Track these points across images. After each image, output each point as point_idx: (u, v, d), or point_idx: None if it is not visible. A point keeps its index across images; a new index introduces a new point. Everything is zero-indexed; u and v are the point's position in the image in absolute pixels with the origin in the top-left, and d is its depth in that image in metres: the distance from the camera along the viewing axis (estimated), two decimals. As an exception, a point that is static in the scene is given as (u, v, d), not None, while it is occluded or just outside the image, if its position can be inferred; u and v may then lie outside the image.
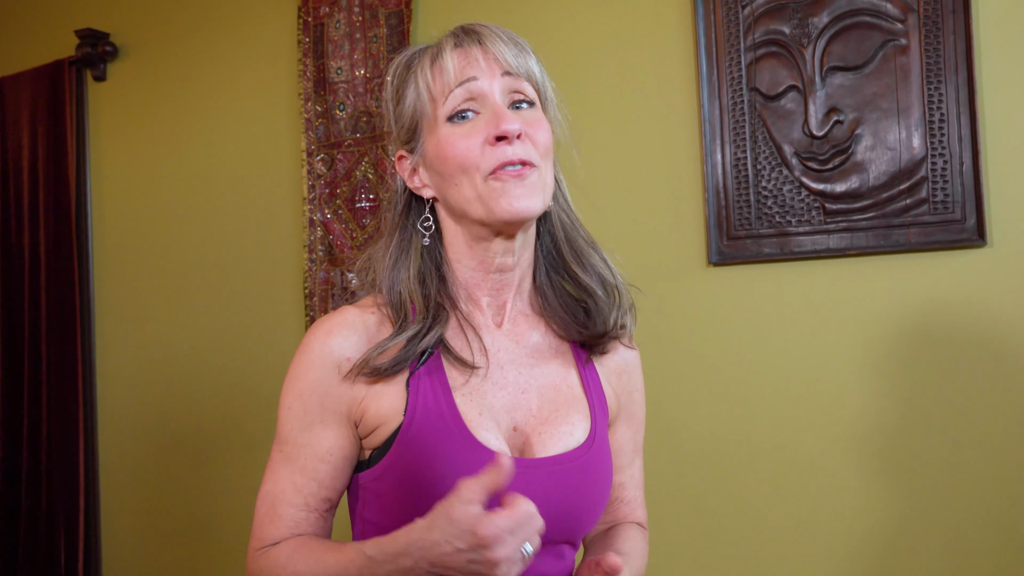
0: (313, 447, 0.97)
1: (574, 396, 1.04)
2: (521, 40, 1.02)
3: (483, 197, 0.95)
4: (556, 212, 1.06)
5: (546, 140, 0.99)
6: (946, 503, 1.79)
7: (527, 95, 0.99)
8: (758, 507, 1.96)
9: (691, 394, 2.03)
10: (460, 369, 0.99)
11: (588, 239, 1.08)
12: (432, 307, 0.99)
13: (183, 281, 2.77)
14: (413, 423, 0.94)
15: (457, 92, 0.97)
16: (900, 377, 1.84)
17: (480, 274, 1.02)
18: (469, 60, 0.98)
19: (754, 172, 1.95)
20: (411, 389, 0.95)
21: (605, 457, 1.02)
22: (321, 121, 2.50)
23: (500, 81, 0.97)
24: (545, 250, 1.07)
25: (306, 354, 0.98)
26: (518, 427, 1.00)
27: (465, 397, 0.97)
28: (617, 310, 1.06)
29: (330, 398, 0.96)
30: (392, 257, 1.02)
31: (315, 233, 2.51)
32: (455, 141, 0.96)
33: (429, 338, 0.97)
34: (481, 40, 0.99)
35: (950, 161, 1.78)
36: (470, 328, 1.01)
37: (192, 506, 2.74)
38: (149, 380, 2.83)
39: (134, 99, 2.88)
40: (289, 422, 0.98)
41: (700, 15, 1.99)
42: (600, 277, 1.06)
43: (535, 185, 0.96)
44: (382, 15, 2.41)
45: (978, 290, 1.77)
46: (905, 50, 1.82)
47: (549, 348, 1.06)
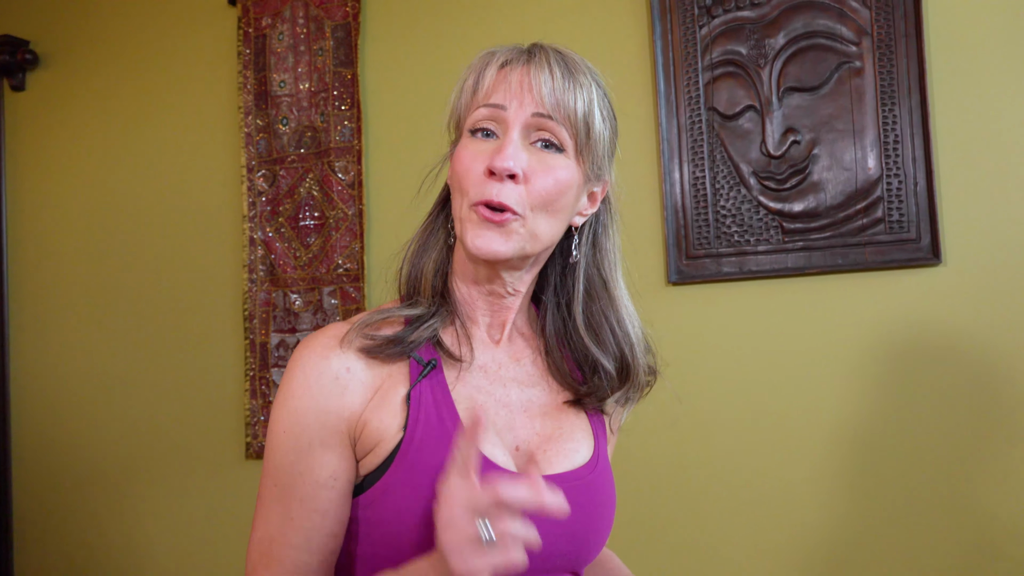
0: (314, 472, 0.88)
1: (577, 419, 1.00)
2: (582, 70, 0.94)
3: (462, 220, 0.92)
4: (584, 267, 1.00)
5: (549, 189, 0.91)
6: (906, 518, 1.81)
7: (556, 138, 0.92)
8: (718, 529, 1.94)
9: (650, 415, 2.00)
10: (461, 382, 0.94)
11: (618, 305, 1.00)
12: (436, 299, 0.96)
13: (110, 304, 2.61)
14: (414, 439, 0.87)
15: (482, 111, 0.93)
16: (858, 394, 1.85)
17: (474, 292, 0.98)
18: (505, 83, 0.92)
19: (713, 191, 1.96)
20: (411, 403, 0.89)
21: (609, 477, 0.98)
22: (263, 136, 2.40)
23: (527, 117, 0.91)
24: (560, 298, 1.02)
25: (300, 369, 0.89)
26: (520, 446, 0.94)
27: (469, 412, 0.91)
28: (623, 391, 1.01)
29: (330, 416, 0.88)
30: (419, 242, 1.00)
31: (256, 252, 2.40)
32: (464, 156, 0.93)
33: (429, 325, 0.93)
34: (528, 61, 0.93)
35: (904, 181, 1.81)
36: (466, 340, 0.97)
37: (113, 544, 2.56)
38: (70, 408, 2.65)
39: (56, 111, 2.71)
40: (283, 446, 0.88)
41: (658, 34, 1.99)
42: (618, 353, 1.00)
43: (511, 233, 0.89)
44: (328, 27, 2.34)
45: (933, 308, 1.80)
46: (860, 72, 1.85)
47: (548, 374, 1.02)
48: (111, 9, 2.64)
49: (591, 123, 0.93)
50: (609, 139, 0.97)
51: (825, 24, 1.88)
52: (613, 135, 0.98)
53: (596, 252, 1.01)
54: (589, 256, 1.00)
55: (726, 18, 1.95)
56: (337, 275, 2.32)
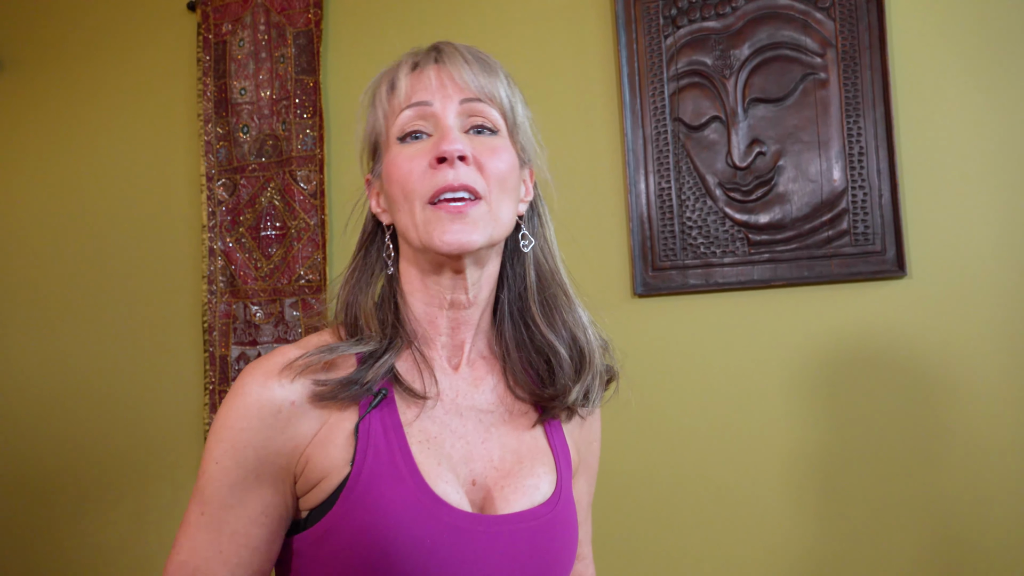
0: (246, 507, 0.83)
1: (538, 447, 0.95)
2: (489, 60, 0.94)
3: (420, 225, 0.87)
4: (533, 254, 0.98)
5: (502, 169, 0.89)
6: (873, 528, 1.79)
7: (489, 120, 0.91)
8: (686, 542, 1.92)
9: (616, 428, 1.97)
10: (414, 411, 0.89)
11: (567, 291, 0.98)
12: (388, 333, 0.91)
13: (66, 314, 2.54)
14: (362, 474, 0.82)
15: (407, 112, 0.90)
16: (825, 406, 1.84)
17: (434, 309, 0.93)
18: (423, 81, 0.91)
19: (678, 202, 1.94)
20: (360, 435, 0.84)
21: (571, 513, 0.93)
22: (223, 144, 2.35)
23: (456, 106, 0.90)
24: (514, 293, 0.98)
25: (240, 399, 0.84)
26: (477, 480, 0.89)
27: (422, 445, 0.87)
28: (582, 381, 0.96)
29: (269, 451, 0.83)
30: (352, 281, 0.95)
31: (215, 263, 2.35)
32: (400, 162, 0.89)
33: (384, 361, 0.87)
34: (440, 59, 0.91)
35: (870, 193, 1.80)
36: (426, 367, 0.92)
37: (71, 558, 2.49)
38: (26, 420, 2.57)
39: (15, 117, 2.64)
40: (217, 478, 0.83)
41: (623, 44, 1.97)
42: (571, 337, 0.97)
43: (477, 220, 0.87)
44: (290, 34, 2.30)
45: (898, 320, 1.79)
46: (825, 84, 1.84)
47: (510, 394, 0.97)
48: (71, 15, 2.58)
49: (514, 104, 0.93)
50: (530, 122, 0.97)
51: (790, 35, 1.87)
52: (532, 123, 0.98)
53: (538, 241, 0.99)
54: (534, 246, 0.99)
55: (691, 28, 1.93)
56: (299, 286, 2.28)
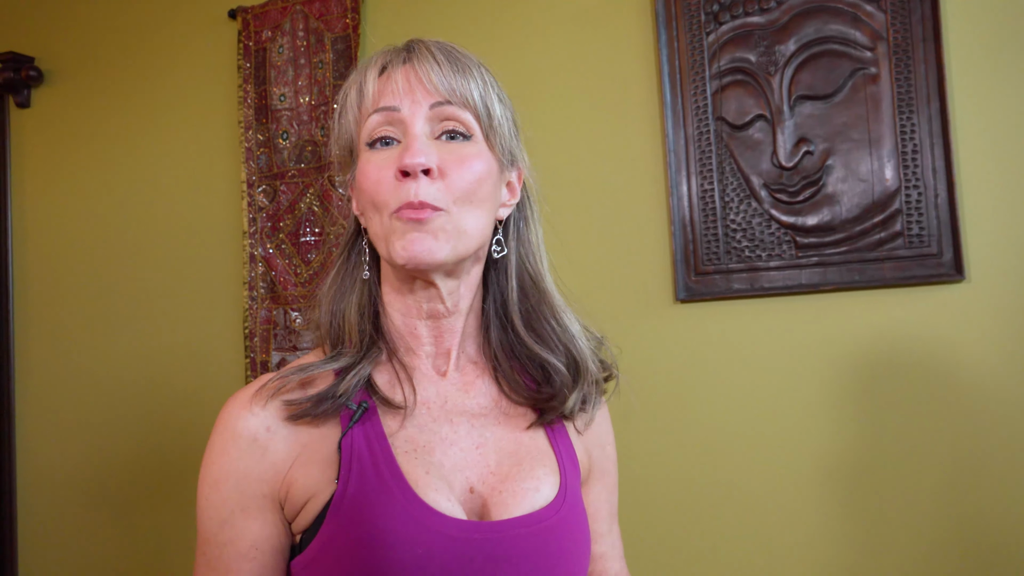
0: (235, 544, 0.82)
1: (537, 448, 0.90)
2: (464, 57, 0.89)
3: (384, 236, 0.84)
4: (515, 261, 0.93)
5: (468, 180, 0.84)
6: (925, 544, 1.70)
7: (462, 125, 0.86)
8: (727, 552, 1.85)
9: (658, 438, 1.92)
10: (397, 420, 0.86)
11: (552, 301, 0.94)
12: (366, 343, 0.88)
13: (113, 321, 2.58)
14: (347, 492, 0.79)
15: (375, 117, 0.86)
16: (875, 417, 1.75)
17: (413, 320, 0.90)
18: (391, 84, 0.86)
19: (722, 204, 1.87)
20: (343, 451, 0.81)
21: (580, 517, 0.88)
22: (263, 151, 2.36)
23: (426, 110, 0.85)
24: (498, 302, 0.94)
25: (219, 434, 0.84)
26: (475, 488, 0.85)
27: (408, 455, 0.83)
28: (579, 390, 0.92)
29: (249, 481, 0.82)
30: (335, 287, 0.92)
31: (256, 269, 2.36)
32: (369, 171, 0.85)
33: (356, 373, 0.84)
34: (409, 58, 0.87)
35: (924, 193, 1.72)
36: (405, 377, 0.89)
37: (118, 561, 2.52)
38: (73, 427, 2.62)
39: (60, 127, 2.69)
40: (208, 517, 0.83)
41: (663, 42, 1.91)
42: (563, 350, 0.92)
43: (439, 231, 0.82)
44: (328, 40, 2.29)
45: (956, 327, 1.70)
46: (875, 79, 1.76)
47: (504, 397, 0.93)
48: (113, 25, 2.62)
49: (490, 105, 0.88)
50: (512, 120, 0.91)
51: (838, 29, 1.79)
52: (515, 117, 0.92)
53: (522, 247, 0.94)
54: (517, 252, 0.94)
55: (734, 24, 1.87)
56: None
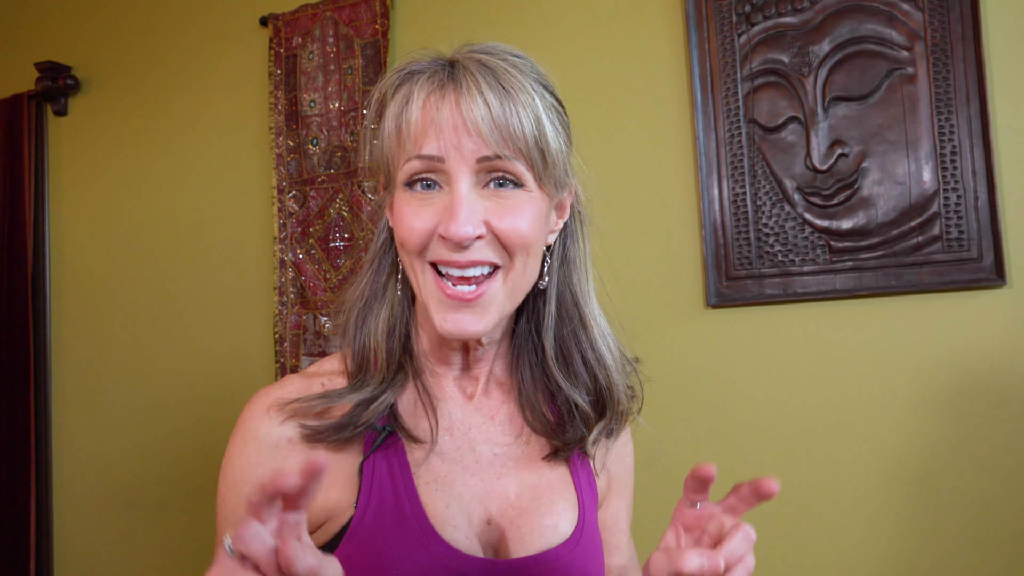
0: None
1: (558, 479, 0.88)
2: (514, 79, 0.79)
3: (423, 291, 0.80)
4: (556, 284, 0.88)
5: (525, 232, 0.78)
6: (963, 559, 1.65)
7: (512, 175, 0.78)
8: (763, 561, 1.81)
9: (690, 446, 1.89)
10: (422, 450, 0.83)
11: (590, 324, 0.89)
12: (393, 367, 0.84)
13: (146, 326, 2.60)
14: (366, 517, 0.78)
15: (415, 164, 0.78)
16: (914, 425, 1.71)
17: (445, 350, 0.87)
18: (437, 124, 0.77)
19: (754, 208, 1.84)
20: (364, 476, 0.79)
21: (595, 553, 0.87)
22: (293, 156, 2.37)
23: (472, 164, 0.77)
24: (531, 324, 0.90)
25: (241, 435, 0.82)
26: (492, 520, 0.83)
27: (430, 486, 0.81)
28: (603, 424, 0.89)
29: None
30: (364, 298, 0.87)
31: (286, 274, 2.37)
32: (406, 215, 0.79)
33: (381, 402, 0.81)
34: (455, 91, 0.78)
35: (964, 196, 1.67)
36: (429, 404, 0.85)
37: (153, 564, 2.54)
38: (108, 431, 2.65)
39: (96, 134, 2.73)
40: (223, 516, 0.82)
41: (694, 43, 1.89)
42: (593, 384, 0.89)
43: (487, 304, 0.78)
44: (357, 45, 2.30)
45: (997, 333, 1.65)
46: (912, 79, 1.72)
47: (527, 425, 0.90)
48: (147, 33, 2.65)
49: (545, 144, 0.79)
50: (566, 141, 0.83)
51: (874, 29, 1.75)
52: (568, 138, 0.84)
53: (565, 266, 0.89)
54: (559, 273, 0.89)
55: (766, 25, 1.84)
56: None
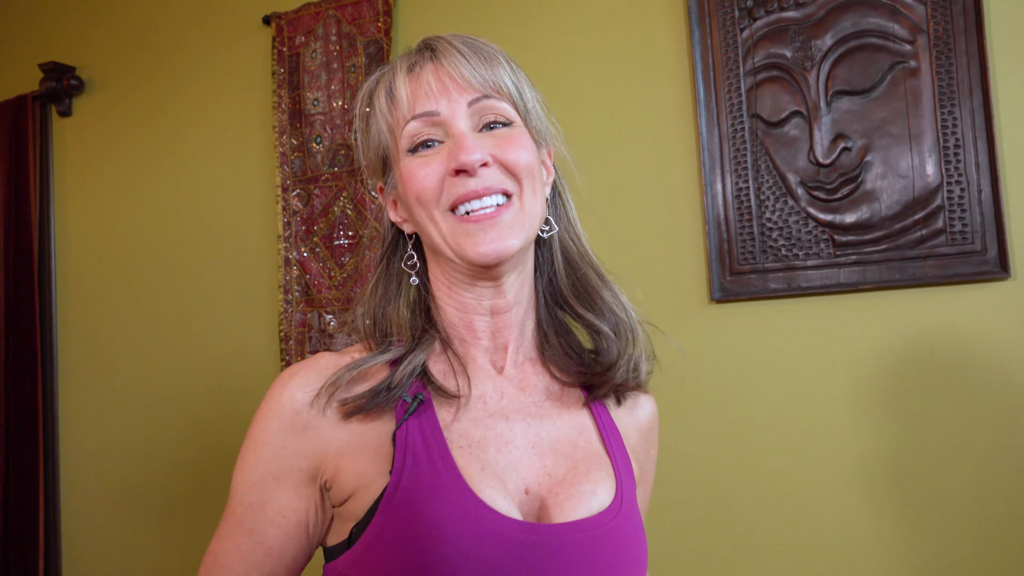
0: (264, 507, 0.84)
1: (593, 451, 0.90)
2: (486, 47, 0.89)
3: (449, 237, 0.85)
4: (559, 237, 0.95)
5: (527, 159, 0.86)
6: (967, 545, 1.65)
7: (502, 115, 0.87)
8: (767, 556, 1.82)
9: (694, 440, 1.89)
10: (454, 414, 0.85)
11: (598, 270, 0.96)
12: (417, 334, 0.88)
13: (151, 324, 2.61)
14: (400, 484, 0.79)
15: (413, 124, 0.86)
16: (917, 418, 1.71)
17: (471, 316, 0.90)
18: (423, 86, 0.86)
19: (757, 203, 1.84)
20: (398, 444, 0.80)
21: (637, 524, 0.87)
22: (297, 155, 2.38)
23: (465, 108, 0.86)
24: (545, 280, 0.95)
25: (267, 402, 0.85)
26: (530, 489, 0.84)
27: (464, 451, 0.83)
28: (628, 351, 0.93)
29: (287, 452, 0.83)
30: (378, 295, 0.92)
31: (291, 273, 2.37)
32: (415, 171, 0.86)
33: (411, 361, 0.84)
34: (436, 57, 0.87)
35: (967, 189, 1.67)
36: (460, 368, 0.88)
37: (160, 562, 2.56)
38: (114, 430, 2.66)
39: (101, 135, 2.74)
40: (241, 476, 0.85)
41: (696, 38, 1.89)
42: (613, 316, 0.94)
43: (511, 223, 0.84)
44: (360, 44, 2.30)
45: (1001, 325, 1.65)
46: (915, 73, 1.72)
47: (560, 395, 0.92)
48: (151, 33, 2.66)
49: (522, 90, 0.89)
50: (539, 100, 0.93)
51: (876, 22, 1.75)
52: (540, 97, 0.94)
53: (560, 222, 0.96)
54: (561, 225, 0.96)
55: (769, 19, 1.84)
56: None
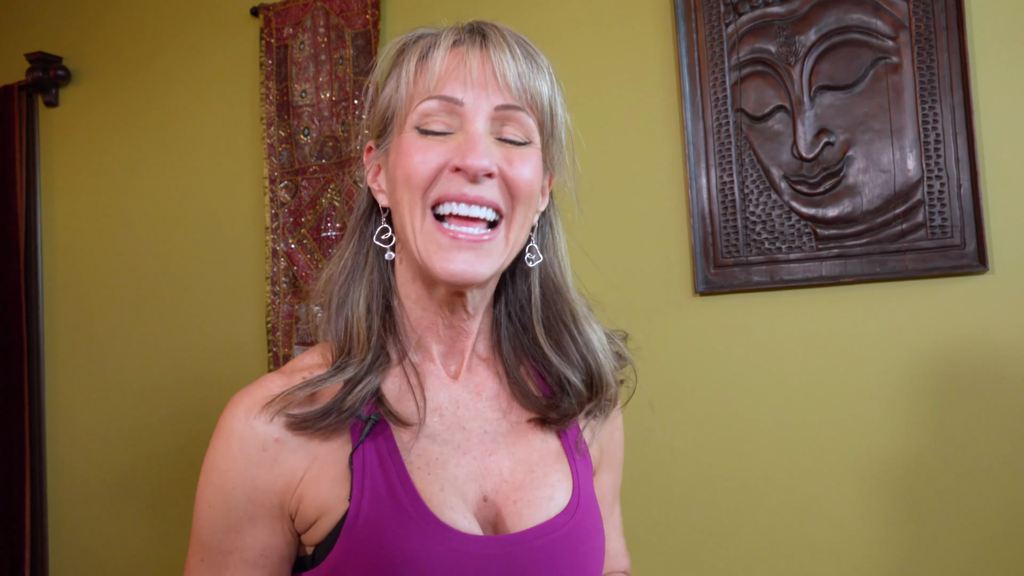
0: (243, 551, 0.79)
1: (551, 452, 0.88)
2: (538, 56, 0.83)
3: (420, 238, 0.80)
4: (541, 267, 0.89)
5: (529, 182, 0.81)
6: (950, 544, 1.68)
7: (523, 131, 0.82)
8: (750, 550, 1.84)
9: (677, 432, 1.91)
10: (411, 434, 0.82)
11: (575, 311, 0.90)
12: (374, 346, 0.83)
13: (138, 316, 2.61)
14: (361, 511, 0.77)
15: (432, 103, 0.80)
16: (899, 411, 1.74)
17: (431, 315, 0.86)
18: (460, 70, 0.80)
19: (741, 197, 1.86)
20: (355, 468, 0.78)
21: (594, 520, 0.87)
22: (285, 146, 2.38)
23: (491, 110, 0.80)
24: (514, 305, 0.90)
25: (224, 439, 0.80)
26: (488, 497, 0.83)
27: (422, 471, 0.81)
28: (594, 402, 0.89)
29: (258, 491, 0.79)
30: (347, 270, 0.87)
31: (278, 264, 2.38)
32: (413, 151, 0.79)
33: (364, 385, 0.80)
34: (486, 45, 0.81)
35: (947, 183, 1.70)
36: (417, 383, 0.85)
37: (147, 552, 2.56)
38: (102, 421, 2.66)
39: (88, 125, 2.74)
40: (211, 523, 0.80)
41: (682, 33, 1.90)
42: (582, 362, 0.88)
43: (489, 253, 0.79)
44: (348, 36, 2.31)
45: (980, 318, 1.68)
46: (897, 68, 1.74)
47: (515, 401, 0.90)
48: (138, 24, 2.65)
49: (555, 108, 0.84)
50: (568, 129, 0.88)
51: (859, 18, 1.77)
52: (569, 123, 0.89)
53: (546, 252, 0.90)
54: (544, 255, 0.90)
55: (754, 15, 1.85)
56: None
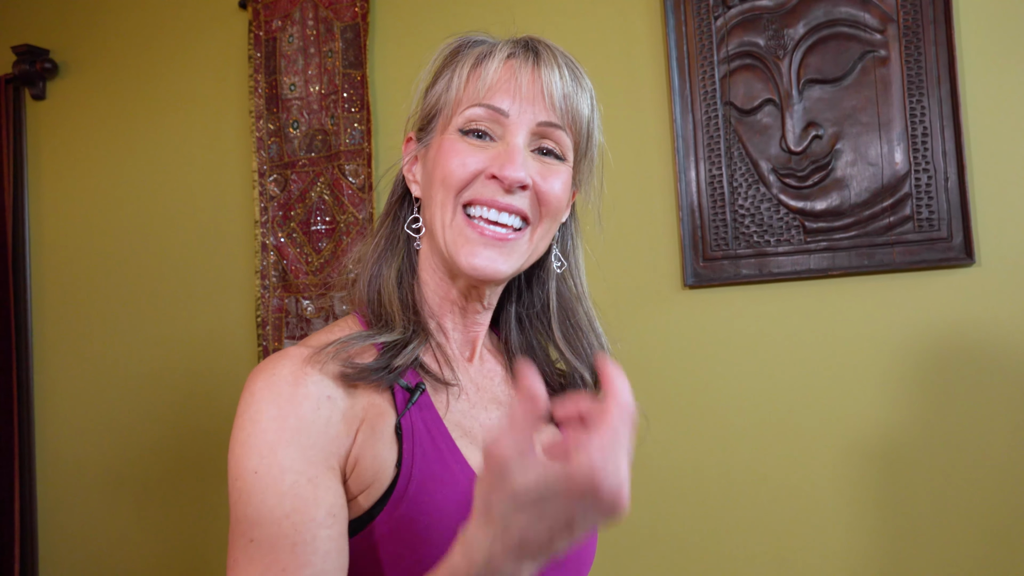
0: (308, 511, 0.72)
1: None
2: (583, 79, 0.89)
3: (449, 231, 0.85)
4: (564, 277, 0.96)
5: (558, 197, 0.86)
6: (938, 533, 1.70)
7: (560, 148, 0.87)
8: (739, 542, 1.85)
9: (666, 424, 1.92)
10: (445, 405, 0.86)
11: (591, 318, 0.97)
12: (410, 317, 0.88)
13: (128, 310, 2.60)
14: (413, 474, 0.78)
15: (478, 110, 0.85)
16: (887, 403, 1.75)
17: (448, 304, 0.92)
18: (511, 82, 0.85)
19: (730, 190, 1.86)
20: (404, 435, 0.80)
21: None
22: (274, 140, 2.37)
23: (533, 125, 0.85)
24: (527, 308, 0.97)
25: (268, 402, 0.76)
26: None
27: (463, 441, 0.84)
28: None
29: (315, 449, 0.75)
30: (379, 249, 0.93)
31: (268, 258, 2.37)
32: (453, 154, 0.85)
33: (411, 349, 0.83)
34: (537, 61, 0.86)
35: (935, 177, 1.70)
36: (444, 359, 0.90)
37: (137, 547, 2.56)
38: (91, 414, 2.65)
39: (75, 118, 2.72)
40: (258, 493, 0.72)
41: (671, 26, 1.91)
42: (591, 364, 0.95)
43: (512, 251, 0.85)
44: (337, 29, 2.30)
45: (966, 311, 1.69)
46: (885, 62, 1.75)
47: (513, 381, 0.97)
48: (126, 16, 2.64)
49: (592, 130, 0.89)
50: (602, 151, 0.93)
51: (847, 12, 1.77)
52: (602, 146, 0.94)
53: (572, 260, 0.98)
54: (567, 264, 0.98)
55: (742, 8, 1.86)
56: (349, 280, 2.28)
